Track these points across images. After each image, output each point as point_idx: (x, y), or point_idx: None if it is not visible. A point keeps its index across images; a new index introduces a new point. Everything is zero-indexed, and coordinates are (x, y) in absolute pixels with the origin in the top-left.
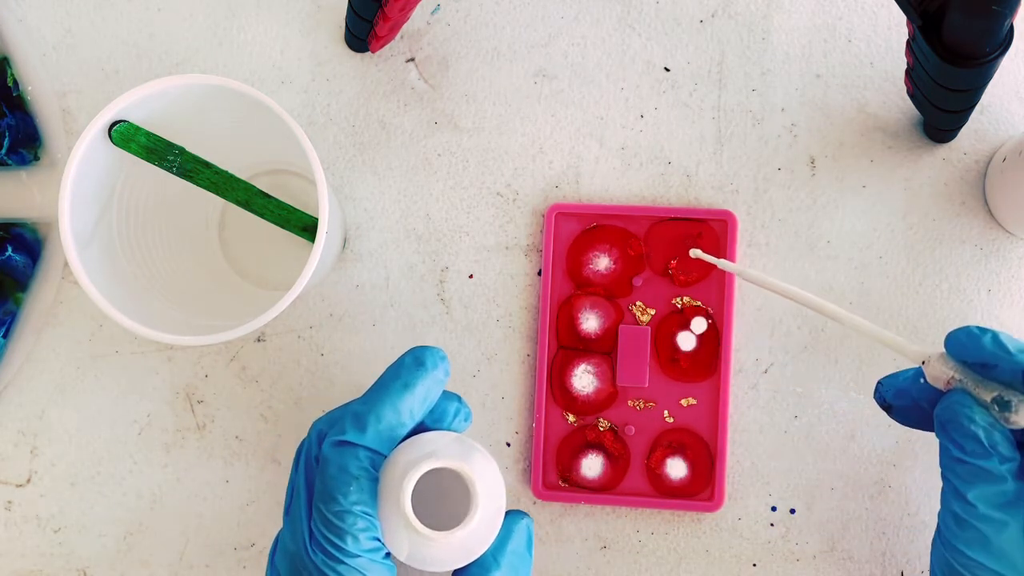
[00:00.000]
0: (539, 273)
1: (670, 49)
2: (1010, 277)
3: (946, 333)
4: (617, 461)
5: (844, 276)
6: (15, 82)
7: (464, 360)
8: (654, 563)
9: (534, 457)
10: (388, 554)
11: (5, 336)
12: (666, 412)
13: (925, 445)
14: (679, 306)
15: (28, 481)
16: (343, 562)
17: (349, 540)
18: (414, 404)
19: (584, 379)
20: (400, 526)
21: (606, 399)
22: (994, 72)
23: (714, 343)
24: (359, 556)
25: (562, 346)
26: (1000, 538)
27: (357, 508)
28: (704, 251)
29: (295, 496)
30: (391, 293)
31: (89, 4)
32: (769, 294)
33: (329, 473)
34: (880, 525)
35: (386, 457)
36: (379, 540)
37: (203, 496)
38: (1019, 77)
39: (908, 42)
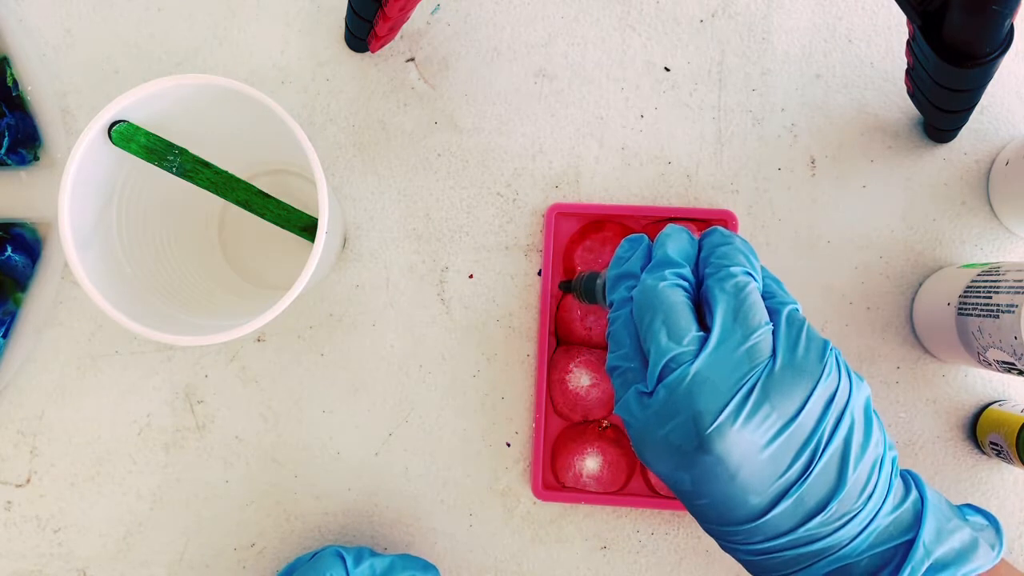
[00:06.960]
0: (539, 273)
1: (670, 49)
2: None
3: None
4: (617, 461)
5: (844, 276)
6: (15, 82)
7: (464, 360)
8: (654, 563)
9: (534, 457)
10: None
11: (5, 336)
12: None
13: (925, 445)
14: None
15: (28, 481)
16: None
17: None
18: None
19: (584, 379)
20: None
21: (606, 399)
22: (994, 72)
23: None
24: None
25: (562, 345)
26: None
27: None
28: None
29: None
30: (391, 293)
31: (89, 4)
32: None
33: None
34: None
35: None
36: None
37: (203, 496)
38: (1019, 77)
39: (908, 42)
